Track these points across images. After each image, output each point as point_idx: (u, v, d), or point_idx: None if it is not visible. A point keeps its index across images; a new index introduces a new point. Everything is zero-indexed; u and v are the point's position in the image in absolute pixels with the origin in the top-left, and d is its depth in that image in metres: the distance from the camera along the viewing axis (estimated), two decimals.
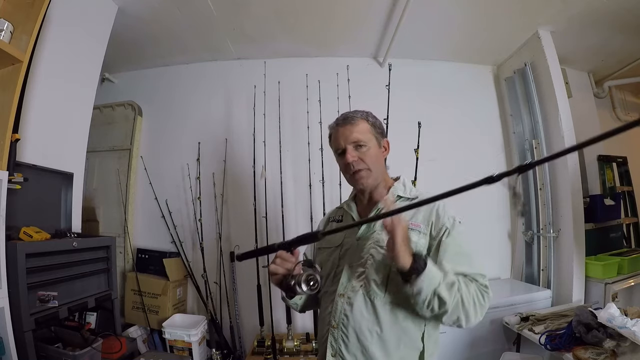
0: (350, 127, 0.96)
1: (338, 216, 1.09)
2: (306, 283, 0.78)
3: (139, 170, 2.62)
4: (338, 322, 0.89)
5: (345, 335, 0.88)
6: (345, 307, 0.89)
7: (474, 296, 0.81)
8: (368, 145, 0.95)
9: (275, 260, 0.83)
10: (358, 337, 0.87)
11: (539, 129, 2.37)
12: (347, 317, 0.88)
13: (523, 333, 1.78)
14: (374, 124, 0.99)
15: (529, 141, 2.45)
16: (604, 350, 1.43)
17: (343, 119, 0.98)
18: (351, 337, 0.87)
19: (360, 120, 0.97)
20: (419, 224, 0.90)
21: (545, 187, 2.32)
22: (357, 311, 0.87)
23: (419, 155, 2.02)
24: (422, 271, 0.75)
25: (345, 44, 2.54)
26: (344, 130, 0.96)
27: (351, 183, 1.00)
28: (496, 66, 2.84)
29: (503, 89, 2.74)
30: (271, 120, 2.43)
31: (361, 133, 0.95)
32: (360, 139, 0.94)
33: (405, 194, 0.98)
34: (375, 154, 0.96)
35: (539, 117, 2.37)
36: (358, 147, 0.94)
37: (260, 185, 2.32)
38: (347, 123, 0.96)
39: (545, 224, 2.31)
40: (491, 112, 2.78)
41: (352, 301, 0.88)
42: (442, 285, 0.77)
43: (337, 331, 0.89)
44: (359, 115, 0.98)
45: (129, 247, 2.50)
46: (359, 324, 0.87)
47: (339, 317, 0.89)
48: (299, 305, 1.03)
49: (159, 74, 2.80)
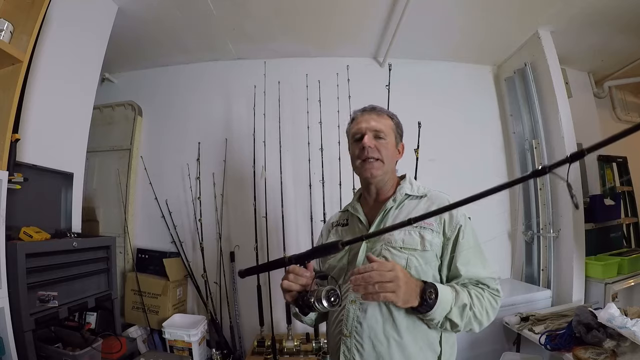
0: (376, 117, 0.96)
1: (343, 220, 1.05)
2: (327, 299, 0.72)
3: (139, 170, 2.62)
4: (351, 331, 0.85)
5: (359, 343, 0.84)
6: (357, 314, 0.85)
7: (487, 306, 0.82)
8: (387, 139, 0.94)
9: (288, 276, 0.78)
10: (374, 345, 0.82)
11: (539, 129, 2.37)
12: (360, 325, 0.84)
13: (523, 333, 1.78)
14: (398, 124, 1.00)
15: (529, 141, 2.45)
16: (604, 350, 1.43)
17: (371, 108, 0.99)
18: (366, 345, 0.83)
19: (387, 116, 0.98)
20: (431, 222, 0.87)
21: (545, 187, 2.32)
22: (371, 317, 0.83)
23: (418, 155, 2.02)
24: (433, 306, 0.75)
25: (345, 44, 2.54)
26: (369, 117, 0.96)
27: (360, 171, 0.96)
28: (496, 66, 2.84)
29: (503, 89, 2.74)
30: (271, 120, 2.42)
31: (384, 125, 0.95)
32: (382, 129, 0.94)
33: (412, 192, 0.95)
34: (391, 150, 0.95)
35: (539, 117, 2.37)
36: (377, 137, 0.93)
37: (260, 185, 2.32)
38: (374, 112, 0.97)
39: (545, 224, 2.31)
40: (491, 112, 2.78)
41: (365, 307, 0.84)
42: (453, 310, 0.77)
43: (350, 340, 0.85)
44: (385, 111, 0.99)
45: (129, 247, 2.50)
46: (374, 331, 0.83)
47: (351, 325, 0.85)
48: (314, 320, 0.99)
49: (159, 74, 2.80)
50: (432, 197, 0.93)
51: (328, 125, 2.33)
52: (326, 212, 2.22)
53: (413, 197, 0.95)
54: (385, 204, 0.93)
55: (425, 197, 0.94)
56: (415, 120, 2.07)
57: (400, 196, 0.94)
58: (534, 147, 2.38)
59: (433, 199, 0.93)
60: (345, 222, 1.04)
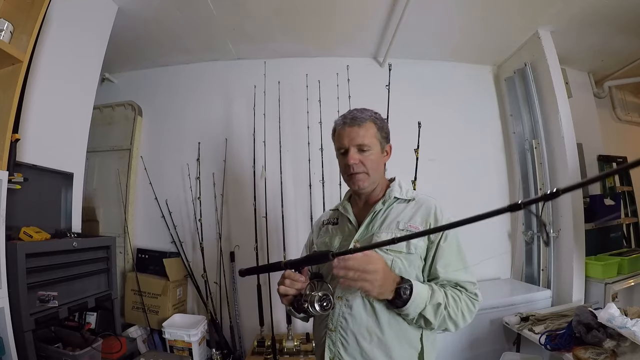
0: (357, 129, 0.94)
1: (333, 219, 1.08)
2: (319, 304, 0.78)
3: (139, 170, 2.62)
4: (336, 325, 0.89)
5: (343, 338, 0.88)
6: (343, 309, 0.88)
7: (463, 308, 0.85)
8: (371, 150, 0.94)
9: (284, 282, 0.83)
10: (357, 340, 0.86)
11: (539, 129, 2.37)
12: (345, 320, 0.88)
13: (523, 333, 1.78)
14: (382, 127, 0.98)
15: (529, 141, 2.45)
16: (604, 350, 1.43)
17: (351, 119, 0.95)
18: (350, 339, 0.87)
19: (369, 123, 0.95)
20: (417, 226, 0.90)
21: (545, 187, 2.32)
22: (357, 313, 0.87)
23: (418, 155, 2.02)
24: (407, 302, 0.78)
25: (345, 44, 2.54)
26: (350, 131, 0.94)
27: (348, 183, 1.00)
28: (496, 66, 2.84)
29: (503, 89, 2.74)
30: (271, 120, 2.42)
31: (367, 137, 0.94)
32: (364, 144, 0.93)
33: (401, 195, 0.98)
34: (376, 159, 0.96)
35: (539, 117, 2.37)
36: (361, 150, 0.94)
37: (260, 185, 2.32)
38: (355, 124, 0.94)
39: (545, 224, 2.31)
40: (491, 112, 2.78)
41: (350, 303, 0.88)
42: (427, 308, 0.81)
43: (335, 334, 0.89)
44: (367, 116, 0.96)
45: (129, 247, 2.50)
46: (359, 326, 0.86)
47: (337, 320, 0.89)
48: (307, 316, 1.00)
49: (159, 74, 2.80)
50: (419, 201, 0.97)
51: (328, 125, 2.32)
52: None
53: (401, 201, 0.97)
54: (375, 206, 0.96)
55: (413, 200, 0.97)
56: (415, 120, 2.07)
57: (389, 199, 0.97)
58: (534, 147, 2.38)
59: (420, 202, 0.96)
60: (335, 221, 1.06)
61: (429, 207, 0.94)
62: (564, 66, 2.54)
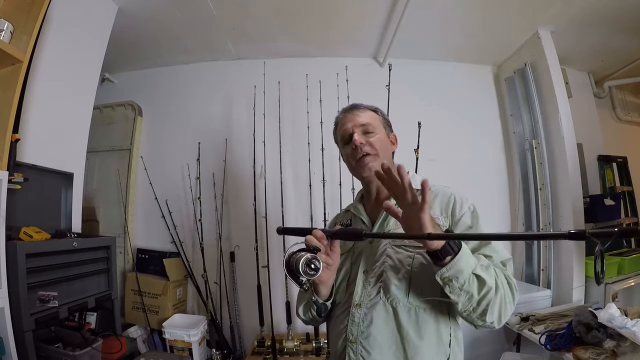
0: (358, 112, 0.93)
1: (346, 220, 1.02)
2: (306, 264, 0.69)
3: (139, 170, 2.62)
4: (356, 336, 0.81)
5: (365, 349, 0.80)
6: (363, 318, 0.82)
7: (505, 285, 0.74)
8: (376, 132, 0.91)
9: (316, 233, 0.76)
10: (381, 350, 0.79)
11: (539, 129, 2.37)
12: (366, 329, 0.81)
13: (523, 333, 1.78)
14: (384, 116, 0.97)
15: (529, 141, 2.45)
16: (604, 350, 1.43)
17: (350, 107, 0.95)
18: (373, 350, 0.80)
19: (368, 110, 0.95)
20: (437, 217, 0.83)
21: (546, 187, 2.32)
22: (378, 321, 0.80)
23: (419, 155, 2.03)
24: (458, 250, 0.67)
25: (346, 44, 2.54)
26: (351, 116, 0.93)
27: (356, 172, 0.93)
28: (496, 66, 2.84)
29: (503, 89, 2.74)
30: (271, 120, 2.43)
31: (370, 118, 0.92)
32: (369, 123, 0.91)
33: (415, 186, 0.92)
34: (384, 141, 0.92)
35: (539, 117, 2.37)
36: (366, 132, 0.90)
37: (260, 185, 2.32)
38: (356, 109, 0.94)
39: (545, 224, 2.31)
40: (491, 112, 2.78)
41: (370, 311, 0.81)
42: (478, 267, 0.70)
43: (356, 346, 0.81)
44: (367, 106, 0.96)
45: (129, 247, 2.50)
46: (381, 335, 0.80)
47: (357, 330, 0.82)
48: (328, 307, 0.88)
49: (159, 74, 2.80)
50: (434, 191, 0.90)
51: (328, 125, 2.32)
52: (327, 212, 2.22)
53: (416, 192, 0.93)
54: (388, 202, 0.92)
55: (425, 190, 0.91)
56: (415, 120, 2.07)
57: None
58: (534, 147, 2.38)
59: (435, 192, 0.89)
60: (349, 222, 1.01)
61: (446, 195, 0.87)
62: (564, 66, 2.54)
